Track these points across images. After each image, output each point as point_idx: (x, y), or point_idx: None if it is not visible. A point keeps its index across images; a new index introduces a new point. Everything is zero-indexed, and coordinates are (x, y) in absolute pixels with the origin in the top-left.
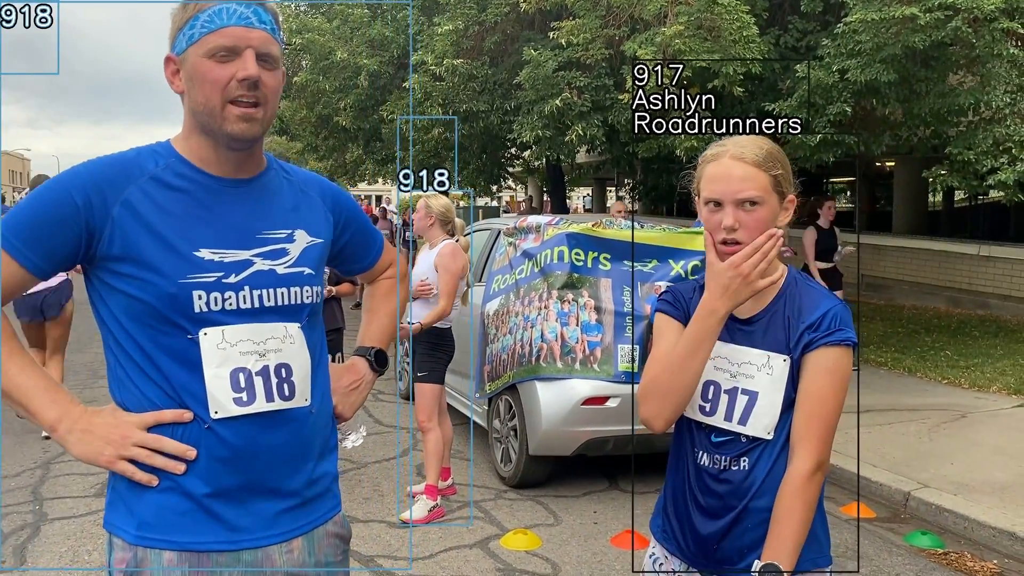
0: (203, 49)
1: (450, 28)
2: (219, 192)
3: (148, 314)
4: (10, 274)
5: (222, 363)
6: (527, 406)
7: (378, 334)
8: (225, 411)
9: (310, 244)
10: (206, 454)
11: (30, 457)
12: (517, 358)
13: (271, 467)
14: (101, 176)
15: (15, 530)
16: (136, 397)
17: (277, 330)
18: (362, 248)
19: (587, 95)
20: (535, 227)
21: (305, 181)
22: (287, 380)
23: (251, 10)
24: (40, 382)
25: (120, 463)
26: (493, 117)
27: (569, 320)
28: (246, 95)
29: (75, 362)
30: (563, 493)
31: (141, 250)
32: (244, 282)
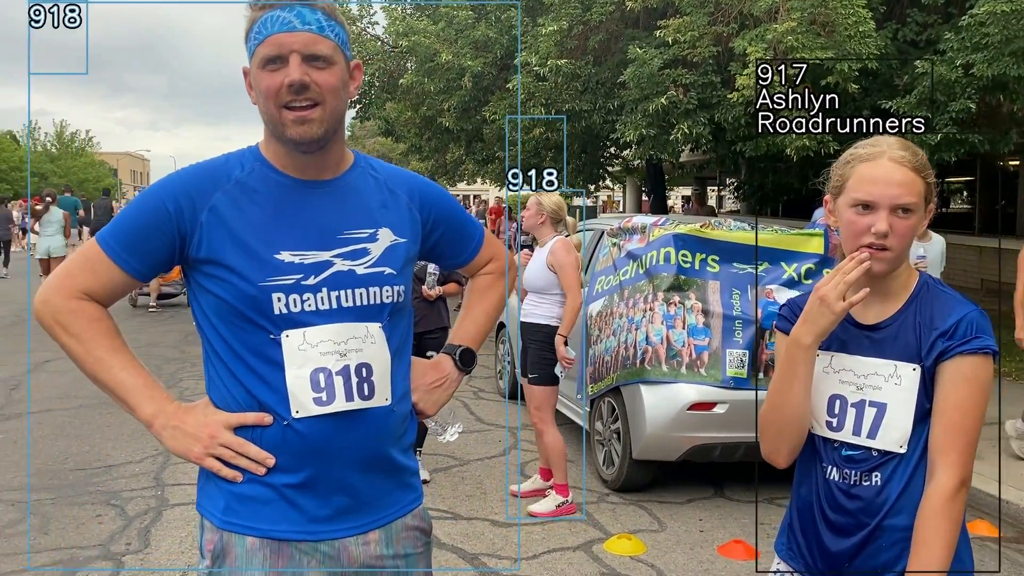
0: (257, 61)
1: (554, 28)
2: (301, 193)
3: (233, 314)
4: (111, 277)
5: (303, 364)
6: (631, 410)
7: (470, 332)
8: (306, 410)
9: (393, 243)
10: (288, 449)
11: (151, 444)
12: (621, 360)
13: (350, 463)
14: (191, 183)
15: (139, 514)
16: (222, 393)
17: (358, 330)
18: (457, 243)
19: (693, 93)
20: (640, 228)
21: (392, 178)
22: (367, 380)
23: (293, 13)
24: (140, 379)
25: (208, 460)
26: (596, 116)
27: (675, 323)
28: (297, 99)
29: (191, 354)
30: (667, 499)
31: (225, 254)
32: (323, 283)
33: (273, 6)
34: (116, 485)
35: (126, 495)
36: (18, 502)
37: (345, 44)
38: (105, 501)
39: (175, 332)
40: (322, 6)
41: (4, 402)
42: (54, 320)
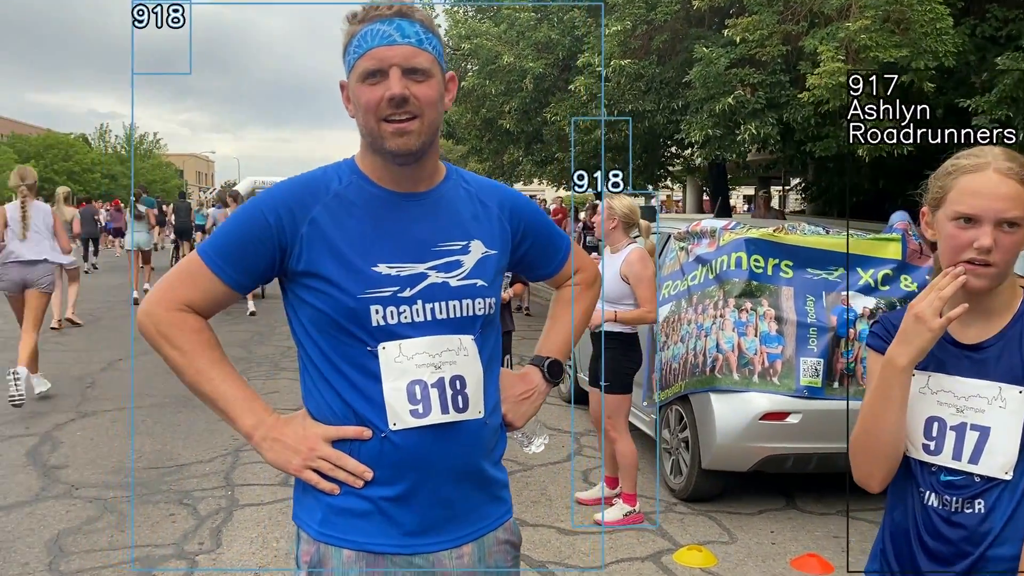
0: (356, 75)
1: (618, 28)
2: (397, 206)
3: (331, 325)
4: (212, 289)
5: (399, 376)
6: (700, 418)
7: (557, 344)
8: (403, 423)
9: (485, 255)
10: (385, 462)
11: (221, 444)
12: (690, 368)
13: (445, 476)
14: (291, 196)
15: (211, 514)
16: (319, 405)
17: (452, 342)
18: (545, 255)
19: (761, 92)
20: (709, 232)
21: (484, 190)
22: (461, 392)
23: (393, 26)
24: (240, 391)
25: (306, 472)
26: (659, 116)
27: (747, 330)
28: (396, 113)
29: (258, 354)
30: (737, 510)
31: (324, 266)
32: (418, 296)
33: (372, 19)
34: (188, 484)
35: (197, 494)
36: (95, 499)
37: (441, 56)
38: (177, 500)
39: (241, 331)
40: (420, 18)
41: (80, 399)
42: (157, 332)
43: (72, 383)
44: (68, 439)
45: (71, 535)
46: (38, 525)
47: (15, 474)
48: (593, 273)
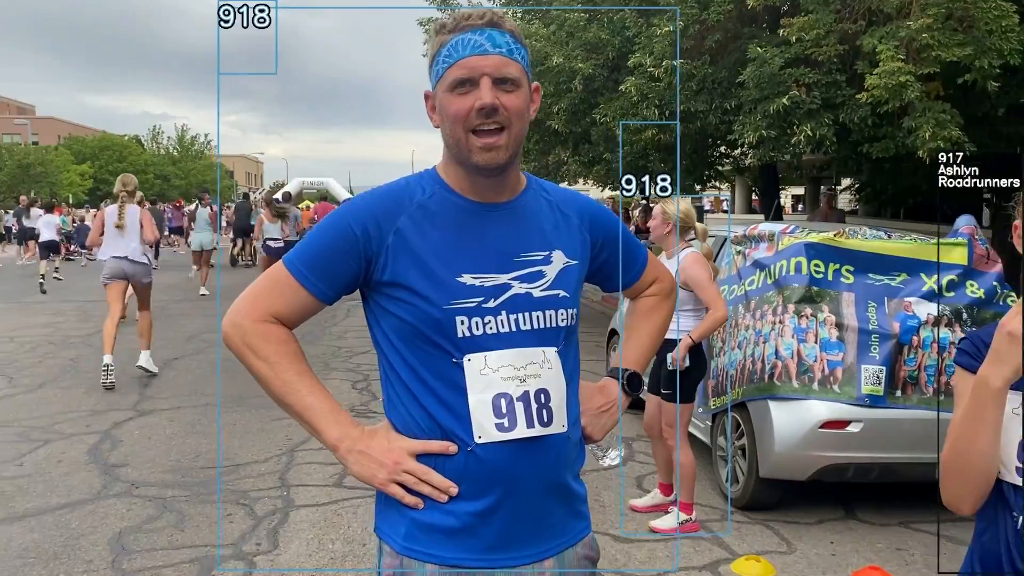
0: (445, 84)
1: (670, 29)
2: (480, 217)
3: (416, 336)
4: (299, 300)
5: (485, 388)
6: (758, 426)
7: (635, 355)
8: (488, 436)
9: (566, 265)
10: (469, 476)
11: (276, 444)
12: (747, 374)
13: (530, 491)
14: (377, 207)
15: (267, 514)
16: (403, 416)
17: (536, 355)
18: (623, 265)
19: (816, 92)
20: (767, 236)
21: (564, 200)
22: (546, 406)
23: (484, 36)
24: (326, 403)
25: (391, 486)
26: (711, 117)
27: (807, 336)
28: (485, 123)
29: (309, 354)
30: (795, 519)
31: (410, 277)
32: (502, 306)
33: (463, 29)
34: (244, 484)
35: (254, 495)
36: (155, 498)
37: (528, 67)
38: (234, 500)
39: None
40: (510, 28)
41: (138, 398)
42: (243, 343)
43: (130, 381)
44: (127, 437)
45: (132, 533)
46: (100, 523)
47: (78, 471)
48: (670, 284)
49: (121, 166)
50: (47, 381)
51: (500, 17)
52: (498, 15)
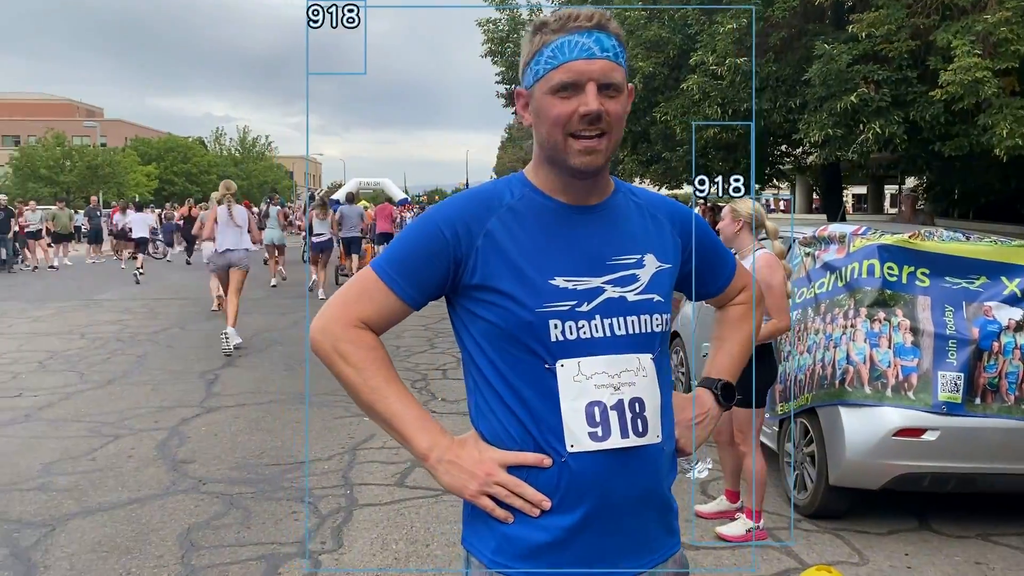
0: (547, 86)
1: (733, 26)
2: (570, 219)
3: (507, 341)
4: (388, 305)
5: (578, 396)
6: (828, 433)
7: (727, 365)
8: (581, 445)
9: (659, 269)
10: (562, 488)
11: (338, 443)
12: (817, 379)
13: (624, 504)
14: (466, 210)
15: (331, 512)
16: (493, 426)
17: (631, 362)
18: (712, 272)
19: (886, 89)
20: (838, 237)
21: (653, 204)
22: (640, 415)
23: (592, 39)
24: (415, 412)
25: (482, 499)
26: (775, 115)
27: (880, 341)
28: (587, 129)
29: None
30: (866, 528)
31: (500, 279)
32: (596, 310)
33: (570, 30)
34: (308, 483)
35: (317, 492)
36: (222, 494)
37: (627, 69)
38: (298, 498)
39: None
40: (615, 31)
41: (204, 395)
42: (332, 348)
43: (195, 378)
44: (194, 434)
45: (200, 530)
46: (169, 518)
47: (147, 467)
48: (758, 292)
49: (185, 167)
50: (116, 377)
51: (607, 19)
52: (605, 17)
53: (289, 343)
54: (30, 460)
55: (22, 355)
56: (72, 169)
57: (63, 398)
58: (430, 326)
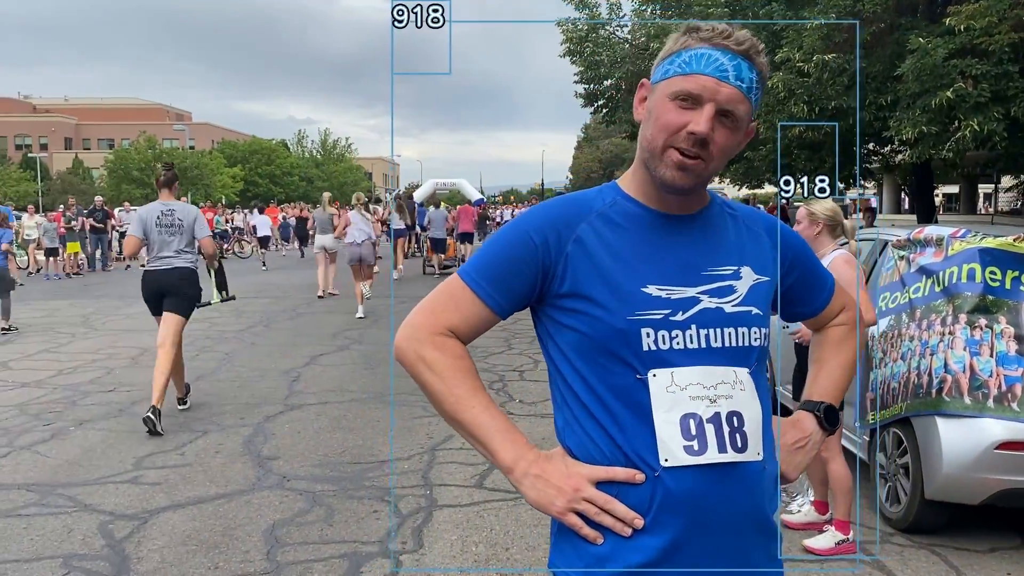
0: (669, 89)
1: (822, 22)
2: (664, 227)
3: (597, 351)
4: (475, 313)
5: (671, 407)
6: (924, 444)
7: (828, 388)
8: (676, 459)
9: (757, 282)
10: (655, 504)
11: (417, 442)
12: (912, 388)
13: (722, 524)
14: (556, 215)
15: (412, 513)
16: (581, 440)
17: (727, 374)
18: (809, 291)
19: (985, 84)
20: (935, 240)
21: (750, 218)
22: (739, 430)
23: (733, 63)
24: (500, 423)
25: (570, 516)
26: (865, 113)
27: (981, 349)
28: (689, 148)
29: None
30: (964, 545)
31: (591, 286)
32: (691, 320)
33: (717, 45)
34: (388, 482)
35: (398, 492)
36: (305, 491)
37: (757, 108)
38: (379, 497)
39: None
40: (760, 65)
41: (287, 393)
42: (417, 356)
43: (279, 376)
44: (278, 431)
45: (285, 526)
46: (255, 514)
47: (234, 462)
48: (856, 313)
49: (269, 169)
50: (204, 374)
51: (758, 51)
52: (756, 48)
53: (368, 342)
54: (123, 454)
55: (116, 351)
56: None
57: None
58: (507, 327)
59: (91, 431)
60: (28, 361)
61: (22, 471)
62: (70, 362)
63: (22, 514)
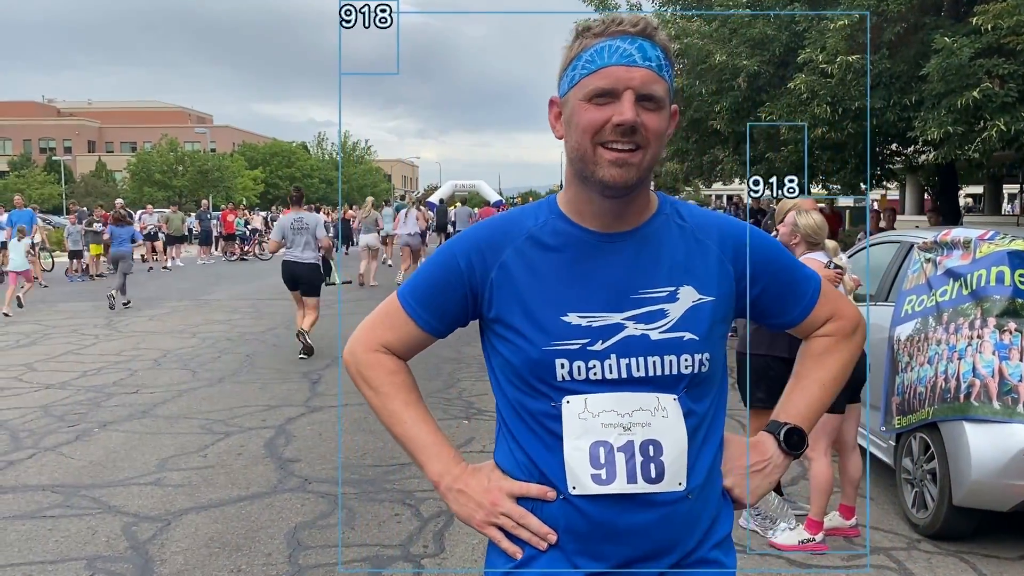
0: (581, 92)
1: (845, 22)
2: (594, 248)
3: (517, 376)
4: (408, 332)
5: (582, 435)
6: (952, 450)
7: (800, 408)
8: (583, 487)
9: (698, 303)
10: (565, 528)
11: None
12: (939, 393)
13: (634, 554)
14: (482, 239)
15: (433, 516)
16: (506, 456)
17: (647, 401)
18: (783, 300)
19: (1012, 84)
20: (962, 242)
21: (702, 227)
22: (654, 460)
23: (635, 46)
24: (430, 437)
25: (490, 528)
26: (889, 114)
27: (1010, 353)
28: (620, 140)
29: (467, 355)
30: (993, 552)
31: (511, 314)
32: (611, 350)
33: (612, 35)
34: (409, 485)
35: (419, 495)
36: (327, 494)
37: (672, 87)
38: (400, 500)
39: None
40: (661, 42)
41: (309, 395)
42: (357, 371)
43: (300, 378)
44: (299, 433)
45: (307, 529)
46: (277, 517)
47: (256, 465)
48: (852, 322)
49: (289, 171)
50: (225, 376)
51: (654, 28)
52: (652, 25)
53: None
54: (147, 455)
55: (139, 353)
56: (184, 174)
57: (176, 395)
58: None
59: (115, 432)
60: (53, 363)
61: (47, 472)
62: (94, 364)
63: (47, 515)
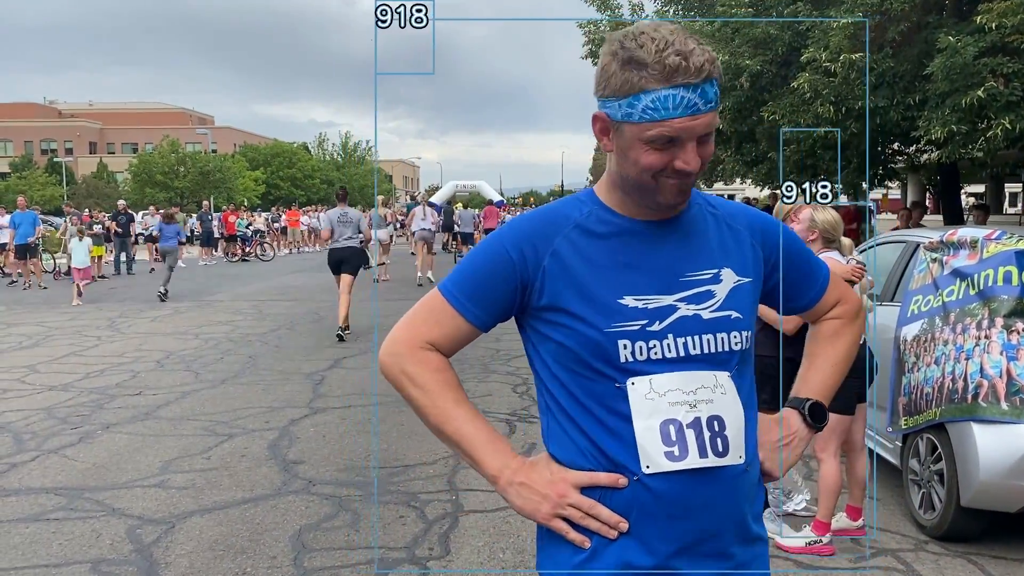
0: (642, 133)
1: (848, 21)
2: (641, 236)
3: (576, 361)
4: (455, 327)
5: (651, 414)
6: (960, 451)
7: (817, 384)
8: (657, 466)
9: (737, 284)
10: (637, 511)
11: (442, 446)
12: (947, 393)
13: (704, 529)
14: (532, 229)
15: (438, 518)
16: (565, 447)
17: (707, 379)
18: (800, 285)
19: (1017, 83)
20: (969, 242)
21: (731, 214)
22: (720, 434)
23: (698, 93)
24: (484, 434)
25: (556, 521)
26: (892, 113)
27: (1018, 354)
28: (681, 178)
29: (465, 357)
30: (1002, 554)
31: (568, 299)
32: (668, 329)
33: (678, 84)
34: (414, 486)
35: (424, 497)
36: (331, 496)
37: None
38: (405, 502)
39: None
40: (718, 74)
41: (312, 396)
42: (400, 371)
43: (303, 379)
44: (303, 434)
45: (311, 531)
46: (282, 519)
47: (259, 467)
48: (855, 306)
49: (290, 172)
50: (228, 377)
51: (713, 64)
52: (711, 61)
53: None
54: (151, 458)
55: (141, 354)
56: (186, 175)
57: (179, 397)
58: None
59: (118, 434)
60: (55, 364)
61: (50, 475)
62: (97, 365)
63: (51, 518)
